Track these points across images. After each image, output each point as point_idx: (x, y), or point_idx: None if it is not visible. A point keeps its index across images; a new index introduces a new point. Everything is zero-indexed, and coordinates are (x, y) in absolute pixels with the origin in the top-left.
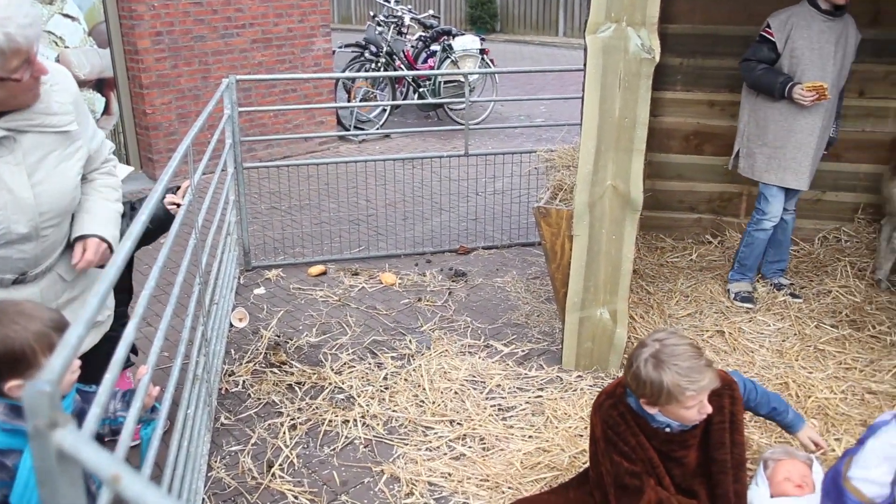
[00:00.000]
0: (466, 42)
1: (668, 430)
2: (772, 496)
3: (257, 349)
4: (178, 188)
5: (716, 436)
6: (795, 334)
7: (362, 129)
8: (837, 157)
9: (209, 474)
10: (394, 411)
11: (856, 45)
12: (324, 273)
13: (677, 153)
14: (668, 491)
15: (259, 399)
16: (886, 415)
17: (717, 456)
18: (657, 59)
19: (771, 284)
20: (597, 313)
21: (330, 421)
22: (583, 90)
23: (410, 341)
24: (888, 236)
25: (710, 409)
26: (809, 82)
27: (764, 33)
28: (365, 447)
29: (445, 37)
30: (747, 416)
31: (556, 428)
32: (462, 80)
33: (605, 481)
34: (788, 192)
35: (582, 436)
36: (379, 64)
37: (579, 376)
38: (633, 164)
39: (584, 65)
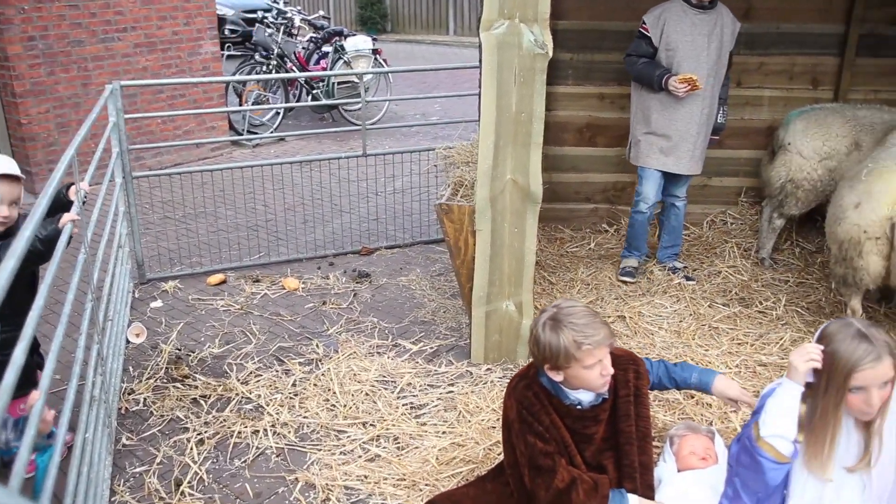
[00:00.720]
0: (358, 42)
1: (579, 407)
2: (679, 470)
3: (157, 364)
4: (71, 185)
5: (622, 408)
6: (691, 314)
7: (256, 133)
8: (720, 145)
9: (113, 499)
10: (305, 418)
11: (734, 34)
12: (224, 282)
13: (572, 146)
14: (579, 469)
15: (162, 416)
16: (774, 384)
17: (623, 427)
18: (550, 54)
19: (667, 269)
20: (503, 306)
21: (239, 433)
22: (479, 87)
23: (317, 346)
24: (769, 217)
25: (611, 371)
26: (681, 74)
27: (641, 29)
28: (277, 456)
29: (337, 38)
30: (653, 396)
31: (469, 422)
32: (356, 80)
33: (520, 462)
34: (677, 180)
35: (495, 427)
36: (270, 66)
37: (489, 369)
38: (532, 157)
39: (480, 61)
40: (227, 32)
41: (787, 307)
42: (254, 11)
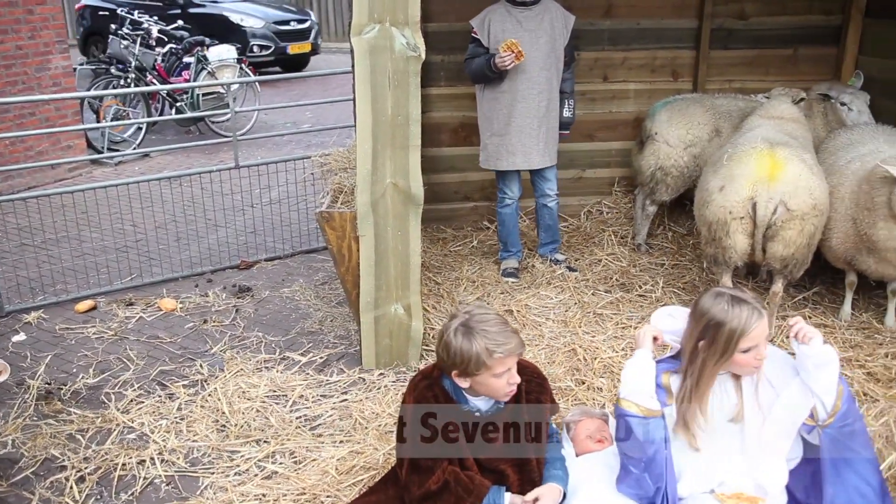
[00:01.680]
0: (222, 52)
1: (477, 413)
2: (577, 455)
3: (25, 402)
4: None
5: (519, 415)
6: (576, 303)
7: (117, 151)
8: (591, 138)
9: None
10: (194, 441)
11: (567, 27)
12: (94, 308)
13: (448, 146)
14: (470, 472)
15: (35, 456)
16: None
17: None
18: (423, 56)
19: (549, 261)
20: (391, 310)
21: (123, 464)
22: (353, 92)
23: (201, 366)
24: (642, 204)
25: (518, 380)
26: (502, 44)
27: (472, 34)
28: (167, 485)
29: (199, 47)
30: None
31: (366, 429)
32: (222, 90)
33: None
34: (543, 178)
35: (392, 432)
36: (128, 80)
37: (381, 374)
38: (411, 160)
39: (353, 66)
40: (255, 50)
41: (664, 289)
42: (286, 23)
